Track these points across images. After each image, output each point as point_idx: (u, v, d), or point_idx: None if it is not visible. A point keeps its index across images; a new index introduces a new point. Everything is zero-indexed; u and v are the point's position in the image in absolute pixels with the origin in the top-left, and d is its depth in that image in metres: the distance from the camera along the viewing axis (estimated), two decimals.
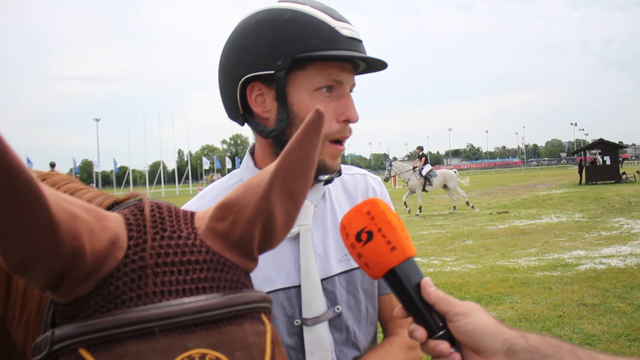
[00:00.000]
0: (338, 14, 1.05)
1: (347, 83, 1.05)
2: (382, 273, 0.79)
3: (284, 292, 1.07)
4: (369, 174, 1.27)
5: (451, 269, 7.93)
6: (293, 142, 0.54)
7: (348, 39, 1.02)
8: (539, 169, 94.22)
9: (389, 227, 0.78)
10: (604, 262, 7.56)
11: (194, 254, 0.56)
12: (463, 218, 14.79)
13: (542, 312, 5.41)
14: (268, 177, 0.56)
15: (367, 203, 0.81)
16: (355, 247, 0.79)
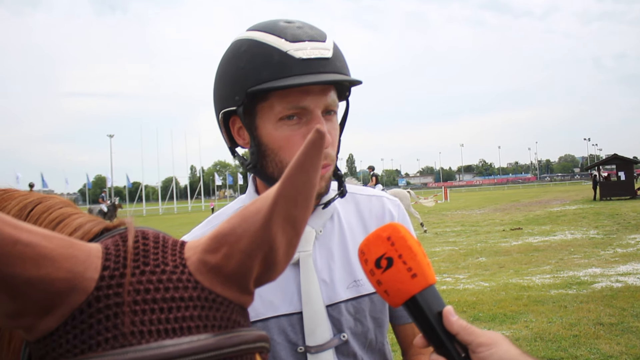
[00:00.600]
0: (302, 32, 0.98)
1: (317, 106, 0.97)
2: (403, 301, 0.76)
3: (286, 318, 1.04)
4: (386, 195, 1.22)
5: (464, 286, 7.83)
6: (293, 166, 0.51)
7: (303, 61, 0.95)
8: (552, 184, 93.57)
9: (410, 254, 0.76)
10: (621, 280, 7.43)
11: (179, 290, 0.51)
12: (476, 235, 14.67)
13: (557, 331, 5.32)
14: (267, 205, 0.52)
15: (387, 228, 0.78)
16: (374, 273, 0.77)
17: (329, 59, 0.98)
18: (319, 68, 0.96)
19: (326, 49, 0.98)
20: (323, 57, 0.97)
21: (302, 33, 0.98)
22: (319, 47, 0.98)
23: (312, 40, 0.98)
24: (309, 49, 0.96)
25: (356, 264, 1.10)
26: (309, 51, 0.96)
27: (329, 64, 0.97)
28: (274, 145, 1.00)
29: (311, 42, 0.97)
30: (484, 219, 20.19)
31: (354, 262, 1.10)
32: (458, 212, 25.48)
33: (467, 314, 6.21)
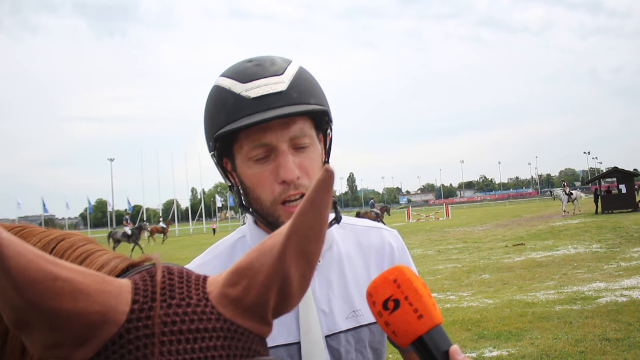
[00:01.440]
0: (257, 70, 1.00)
1: (280, 141, 0.98)
2: (410, 341, 0.79)
3: (284, 348, 1.04)
4: (385, 227, 1.23)
5: (468, 304, 7.80)
6: (305, 202, 0.54)
7: (253, 100, 0.97)
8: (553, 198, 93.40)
9: (416, 295, 0.79)
10: (625, 295, 7.39)
11: (203, 321, 0.55)
12: (478, 251, 14.62)
13: (563, 347, 5.28)
14: (281, 240, 0.55)
15: (393, 271, 0.81)
16: (382, 315, 0.80)
17: (282, 93, 0.98)
18: (269, 104, 0.97)
19: (279, 82, 0.99)
20: (274, 92, 0.98)
21: (257, 71, 1.00)
22: (271, 82, 0.99)
23: (266, 76, 0.99)
24: (259, 87, 0.98)
25: (355, 294, 1.11)
26: (259, 89, 0.98)
27: (281, 98, 0.98)
28: (249, 184, 1.03)
29: (263, 79, 0.99)
30: (486, 235, 20.14)
31: (352, 292, 1.11)
32: (460, 229, 25.42)
33: (472, 331, 6.18)
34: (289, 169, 0.98)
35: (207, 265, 1.12)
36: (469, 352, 5.43)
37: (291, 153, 1.00)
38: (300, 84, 1.01)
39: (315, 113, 1.03)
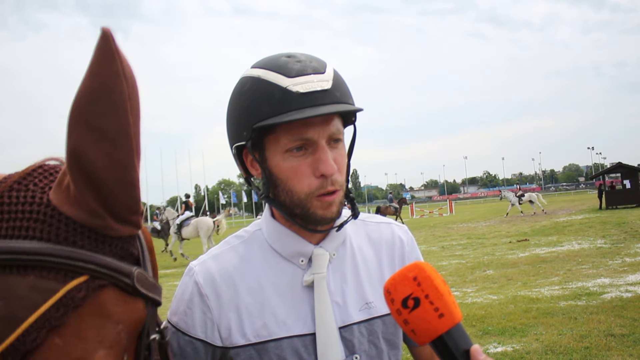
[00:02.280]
0: (301, 66, 1.02)
1: (320, 137, 1.01)
2: (430, 340, 0.77)
3: (299, 339, 1.06)
4: (395, 222, 1.26)
5: (473, 300, 7.79)
6: (85, 74, 0.54)
7: (301, 95, 0.99)
8: (557, 194, 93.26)
9: (437, 294, 0.77)
10: (630, 290, 7.37)
11: (27, 204, 0.59)
12: (482, 247, 14.61)
13: (568, 343, 5.27)
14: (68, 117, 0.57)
15: (413, 268, 0.80)
16: (401, 313, 0.78)
17: (328, 90, 1.00)
18: (317, 101, 0.99)
19: (325, 81, 1.01)
20: (321, 90, 1.00)
21: (301, 67, 1.01)
22: (317, 79, 1.00)
23: (310, 73, 1.01)
24: (307, 82, 0.99)
25: (367, 287, 1.13)
26: (307, 85, 0.99)
27: (327, 96, 1.00)
28: (282, 176, 1.03)
29: (309, 76, 1.00)
30: (490, 231, 20.11)
31: (365, 285, 1.13)
32: (464, 225, 25.39)
33: (477, 327, 6.17)
34: (330, 164, 1.01)
35: (224, 256, 1.13)
36: None
37: (329, 149, 1.03)
38: (340, 84, 1.04)
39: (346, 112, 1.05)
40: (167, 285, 12.21)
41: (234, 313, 1.07)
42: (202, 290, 1.08)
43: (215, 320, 1.06)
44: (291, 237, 1.10)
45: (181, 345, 1.07)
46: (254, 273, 1.10)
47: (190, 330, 1.07)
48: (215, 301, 1.07)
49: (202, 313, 1.07)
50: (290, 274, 1.09)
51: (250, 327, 1.06)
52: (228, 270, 1.10)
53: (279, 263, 1.10)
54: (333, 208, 1.04)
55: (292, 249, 1.10)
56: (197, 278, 1.09)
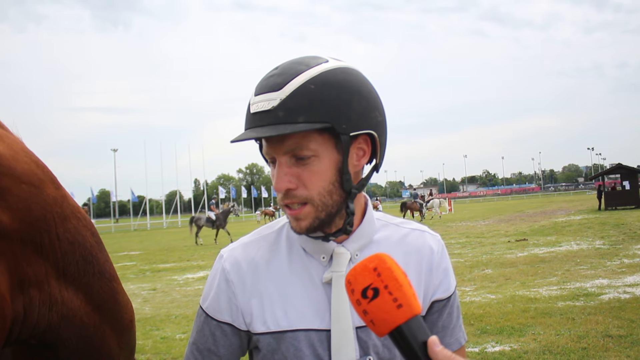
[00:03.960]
0: (265, 83, 1.02)
1: (277, 153, 1.02)
2: (388, 330, 0.78)
3: (316, 333, 1.08)
4: (428, 230, 1.24)
5: (471, 299, 7.80)
6: None
7: (252, 115, 1.02)
8: (556, 194, 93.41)
9: (396, 284, 0.78)
10: (628, 291, 7.39)
11: None
12: (481, 246, 14.63)
13: (565, 344, 5.28)
14: None
15: (373, 259, 0.80)
16: (361, 303, 0.79)
17: (269, 111, 0.99)
18: (259, 121, 1.00)
19: (271, 100, 1.00)
20: (263, 111, 1.00)
21: (266, 84, 1.02)
22: (266, 99, 1.00)
23: (265, 92, 1.01)
24: (257, 102, 1.01)
25: None
26: (256, 105, 1.01)
27: (267, 117, 1.00)
28: None
29: (263, 95, 1.01)
30: (488, 230, 20.14)
31: None
32: (462, 224, 25.42)
33: (474, 326, 6.18)
34: (277, 182, 1.02)
35: (253, 245, 1.16)
36: (472, 347, 5.44)
37: (290, 164, 1.02)
38: (293, 100, 0.99)
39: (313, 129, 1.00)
40: (166, 280, 12.23)
41: (256, 300, 1.09)
42: (228, 277, 1.12)
43: (240, 306, 1.10)
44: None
45: (212, 330, 1.11)
46: (279, 264, 1.12)
47: (217, 315, 1.11)
48: (240, 287, 1.10)
49: (228, 298, 1.11)
50: (312, 269, 1.11)
51: (271, 316, 1.08)
52: (255, 258, 1.13)
53: (302, 257, 1.12)
54: (301, 223, 1.04)
55: (314, 245, 1.11)
56: (224, 264, 1.14)
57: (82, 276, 0.98)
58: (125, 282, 12.12)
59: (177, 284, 11.51)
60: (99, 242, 1.06)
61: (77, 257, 0.97)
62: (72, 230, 0.95)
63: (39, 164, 0.93)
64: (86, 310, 0.99)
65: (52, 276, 0.91)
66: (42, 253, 0.88)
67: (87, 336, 1.01)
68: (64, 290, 0.94)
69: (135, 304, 9.27)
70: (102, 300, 1.04)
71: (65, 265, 0.94)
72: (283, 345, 1.07)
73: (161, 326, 7.39)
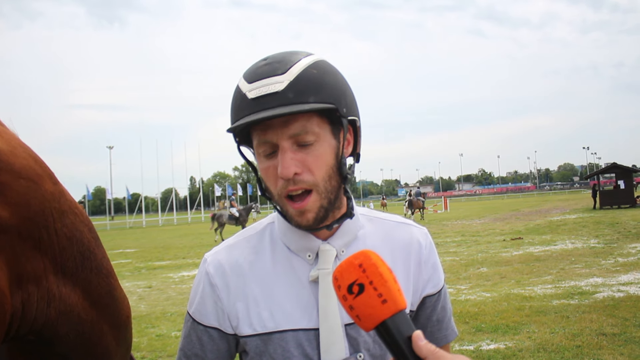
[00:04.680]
0: (262, 70, 1.03)
1: (281, 139, 1.01)
2: (374, 325, 0.79)
3: (304, 332, 1.07)
4: (415, 224, 1.24)
5: (466, 297, 7.83)
6: None
7: (252, 101, 1.01)
8: (551, 193, 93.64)
9: (381, 280, 0.79)
10: (622, 290, 7.43)
11: None
12: (477, 245, 14.67)
13: (560, 342, 5.31)
14: None
15: (359, 255, 0.82)
16: (347, 299, 0.80)
17: (277, 93, 1.00)
18: (264, 105, 1.00)
19: (277, 83, 1.00)
20: (269, 93, 1.00)
21: (262, 71, 1.02)
22: (270, 82, 1.00)
23: (266, 77, 1.01)
24: (259, 87, 1.01)
25: None
26: (258, 90, 1.01)
27: (275, 99, 1.00)
28: (262, 176, 1.08)
29: (264, 80, 1.01)
30: (484, 228, 20.19)
31: None
32: (458, 222, 25.47)
33: (470, 325, 6.21)
34: (284, 167, 1.01)
35: (236, 247, 1.16)
36: (467, 345, 5.46)
37: (294, 150, 1.02)
38: (301, 82, 1.01)
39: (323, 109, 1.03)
40: (162, 277, 12.23)
41: (242, 303, 1.09)
42: (212, 280, 1.11)
43: (226, 310, 1.10)
44: (299, 231, 1.11)
45: (199, 335, 1.11)
46: (264, 265, 1.12)
47: (204, 320, 1.11)
48: (225, 291, 1.10)
49: (214, 302, 1.10)
50: (297, 268, 1.11)
51: (257, 318, 1.08)
52: (239, 261, 1.13)
53: (288, 257, 1.12)
54: (308, 215, 1.04)
55: (299, 244, 1.11)
56: (208, 268, 1.13)
57: (79, 272, 0.98)
58: (120, 280, 12.02)
59: (173, 281, 11.51)
60: (96, 237, 1.06)
61: (75, 253, 0.97)
62: (69, 226, 0.96)
63: (37, 160, 0.93)
64: (84, 306, 0.99)
65: (51, 271, 0.91)
66: (40, 248, 0.88)
67: (85, 332, 1.01)
68: (62, 286, 0.94)
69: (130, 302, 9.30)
70: (100, 296, 1.04)
71: (64, 260, 0.94)
72: (270, 346, 1.06)
73: (157, 324, 7.39)
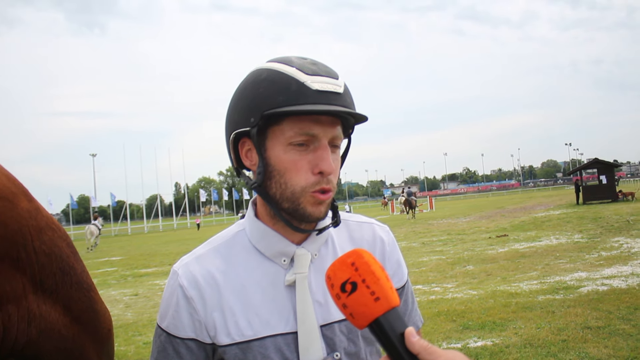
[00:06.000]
0: (317, 68, 1.06)
1: (325, 136, 1.05)
2: (367, 323, 0.80)
3: (282, 337, 1.08)
4: (377, 222, 1.28)
5: (453, 295, 7.87)
6: None
7: (317, 92, 1.03)
8: (535, 190, 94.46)
9: (373, 278, 0.80)
10: (606, 283, 7.52)
11: None
12: (462, 243, 14.75)
13: (546, 336, 5.36)
14: None
15: (351, 254, 0.83)
16: (340, 297, 0.81)
17: (341, 94, 1.06)
18: (331, 100, 1.03)
19: (338, 85, 1.06)
20: (336, 92, 1.05)
21: (317, 68, 1.06)
22: (333, 82, 1.05)
23: (325, 76, 1.05)
24: (323, 82, 1.04)
25: None
26: (324, 85, 1.04)
27: (340, 98, 1.05)
28: (280, 167, 1.06)
29: (325, 77, 1.05)
30: (469, 227, 20.30)
31: None
32: (444, 221, 25.59)
33: (457, 322, 6.25)
34: (329, 163, 1.04)
35: (206, 257, 1.14)
36: (454, 343, 5.49)
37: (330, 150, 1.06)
38: (349, 92, 1.09)
39: (346, 122, 1.10)
40: (148, 285, 12.13)
41: (218, 313, 1.08)
42: (186, 293, 1.09)
43: (202, 321, 1.08)
44: (274, 236, 1.12)
45: (175, 347, 1.09)
46: (237, 273, 1.11)
47: (180, 333, 1.09)
48: (201, 303, 1.09)
49: (189, 314, 1.08)
50: (272, 273, 1.11)
51: (234, 327, 1.07)
52: (211, 271, 1.11)
53: (262, 263, 1.12)
54: (322, 208, 1.07)
55: (274, 249, 1.11)
56: (181, 281, 1.10)
57: (60, 288, 0.97)
58: (106, 288, 12.02)
59: (160, 288, 11.42)
60: (74, 252, 1.05)
61: (55, 269, 0.95)
62: (48, 242, 0.94)
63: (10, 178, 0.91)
64: (64, 322, 0.98)
65: (30, 291, 0.89)
66: (18, 268, 0.87)
67: (67, 348, 1.00)
68: (41, 304, 0.92)
69: (117, 310, 9.19)
70: (81, 311, 1.03)
71: (43, 278, 0.92)
72: (250, 354, 1.06)
73: (143, 331, 7.32)
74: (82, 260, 1.08)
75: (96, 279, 13.32)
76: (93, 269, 16.53)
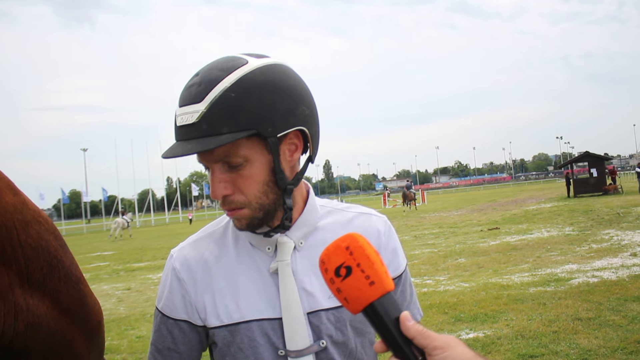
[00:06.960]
0: (187, 92, 1.00)
1: (209, 162, 1.03)
2: (361, 307, 0.79)
3: (269, 322, 1.10)
4: (375, 213, 1.26)
5: (445, 288, 7.91)
6: None
7: (178, 128, 1.01)
8: (527, 183, 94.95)
9: (368, 262, 0.79)
10: (597, 275, 7.59)
11: None
12: (454, 236, 14.82)
13: (537, 328, 5.41)
14: None
15: (346, 238, 0.82)
16: (334, 282, 0.80)
17: (193, 125, 0.98)
18: (184, 135, 1.00)
19: (193, 112, 0.98)
20: (187, 124, 0.99)
21: (187, 94, 1.00)
22: (188, 111, 0.99)
23: (187, 104, 1.00)
24: (181, 115, 1.00)
25: None
26: (180, 118, 1.00)
27: (193, 130, 0.98)
28: None
29: (185, 107, 0.99)
30: (461, 220, 20.40)
31: None
32: (436, 214, 25.68)
33: (449, 315, 6.28)
34: (213, 190, 1.03)
35: (201, 242, 1.18)
36: None
37: (224, 171, 1.03)
38: (215, 111, 0.98)
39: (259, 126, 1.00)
40: (140, 279, 12.12)
41: (209, 295, 1.11)
42: (179, 275, 1.13)
43: (194, 303, 1.12)
44: None
45: (169, 328, 1.13)
46: (228, 258, 1.14)
47: (173, 314, 1.13)
48: (192, 284, 1.12)
49: (182, 296, 1.12)
50: (259, 260, 1.13)
51: (223, 309, 1.10)
52: (204, 255, 1.15)
53: (249, 250, 1.14)
54: (239, 223, 1.07)
55: (258, 238, 1.13)
56: (174, 264, 1.15)
57: (47, 281, 0.97)
58: (99, 283, 11.99)
59: (152, 282, 11.41)
60: (63, 245, 1.04)
61: (42, 263, 0.95)
62: (34, 236, 0.94)
63: None
64: (53, 315, 0.98)
65: (17, 285, 0.89)
66: (4, 262, 0.87)
67: (56, 341, 0.99)
68: (29, 298, 0.92)
69: (109, 304, 9.17)
70: (70, 304, 1.03)
71: (30, 272, 0.92)
72: (237, 337, 1.09)
73: (136, 325, 7.33)
74: (71, 252, 1.08)
75: (88, 274, 13.29)
76: (85, 263, 16.49)
